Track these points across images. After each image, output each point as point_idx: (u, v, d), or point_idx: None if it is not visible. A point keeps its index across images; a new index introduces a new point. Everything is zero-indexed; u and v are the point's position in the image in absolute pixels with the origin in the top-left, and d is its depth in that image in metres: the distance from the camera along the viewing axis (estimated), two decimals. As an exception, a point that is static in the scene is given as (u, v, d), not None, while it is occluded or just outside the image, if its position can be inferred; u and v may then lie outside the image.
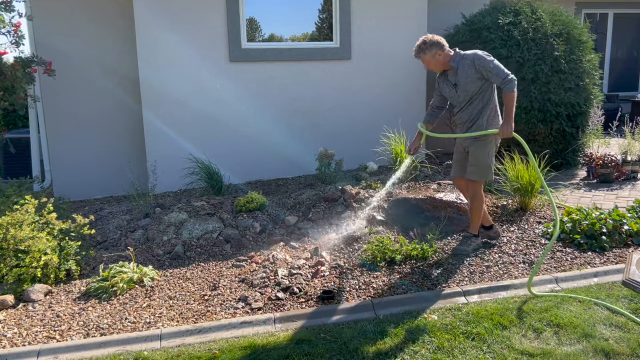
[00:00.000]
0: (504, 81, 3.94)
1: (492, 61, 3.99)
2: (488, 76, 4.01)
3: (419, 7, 7.24)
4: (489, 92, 4.11)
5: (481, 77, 4.03)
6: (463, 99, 4.16)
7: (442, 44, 4.08)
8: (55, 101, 6.74)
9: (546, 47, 6.66)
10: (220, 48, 6.59)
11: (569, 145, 6.93)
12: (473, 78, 4.04)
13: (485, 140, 4.14)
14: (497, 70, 3.96)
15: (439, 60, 4.11)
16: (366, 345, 3.15)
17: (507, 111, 3.99)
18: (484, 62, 3.98)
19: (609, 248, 4.42)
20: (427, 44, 4.07)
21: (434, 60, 4.12)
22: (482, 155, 4.16)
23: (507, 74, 3.95)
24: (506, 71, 3.96)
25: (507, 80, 3.93)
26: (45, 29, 6.57)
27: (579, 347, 3.07)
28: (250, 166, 6.80)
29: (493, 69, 3.96)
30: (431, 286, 3.91)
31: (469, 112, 4.17)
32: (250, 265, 4.37)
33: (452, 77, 4.16)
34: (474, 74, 4.03)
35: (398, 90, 7.27)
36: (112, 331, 3.48)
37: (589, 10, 10.62)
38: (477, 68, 4.01)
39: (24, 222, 4.18)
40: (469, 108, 4.16)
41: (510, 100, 3.96)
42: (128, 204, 5.86)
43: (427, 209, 5.03)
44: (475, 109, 4.14)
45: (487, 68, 3.97)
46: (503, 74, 3.95)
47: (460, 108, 4.21)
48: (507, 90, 3.95)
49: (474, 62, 4.01)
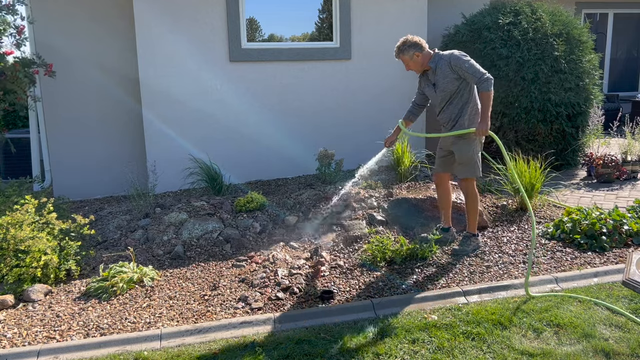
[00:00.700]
0: (480, 80, 3.99)
1: (467, 61, 4.04)
2: (464, 76, 4.07)
3: (419, 7, 7.24)
4: (467, 91, 4.16)
5: (458, 77, 4.10)
6: (442, 99, 4.23)
7: (420, 46, 4.17)
8: (55, 101, 6.74)
9: (546, 47, 6.66)
10: (220, 48, 6.59)
11: (569, 145, 6.93)
12: (450, 78, 4.11)
13: (468, 138, 4.19)
14: (472, 69, 4.00)
15: (417, 61, 4.20)
16: (366, 345, 3.15)
17: (483, 110, 4.07)
18: (459, 61, 4.04)
19: (609, 248, 4.42)
20: (405, 45, 4.17)
21: (412, 61, 4.22)
22: (468, 153, 4.22)
23: (483, 73, 4.00)
24: (482, 70, 4.01)
25: (483, 79, 3.97)
26: (46, 30, 6.57)
27: (579, 347, 3.07)
28: (250, 166, 6.80)
29: (468, 68, 4.01)
30: (431, 286, 3.91)
31: (450, 112, 4.24)
32: (250, 265, 4.37)
33: (432, 77, 4.25)
34: (451, 74, 4.10)
35: (398, 90, 7.26)
36: (112, 331, 3.48)
37: (589, 10, 10.62)
38: (453, 68, 4.08)
39: (24, 222, 4.18)
40: (449, 108, 4.23)
41: (486, 100, 4.02)
42: (128, 204, 5.86)
43: (427, 209, 5.02)
44: (456, 108, 4.20)
45: (462, 68, 4.03)
46: (478, 73, 3.99)
47: (441, 108, 4.29)
48: (483, 90, 4.00)
49: (450, 62, 4.08)
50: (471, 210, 4.41)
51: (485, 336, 3.21)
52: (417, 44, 4.15)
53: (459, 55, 4.08)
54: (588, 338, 3.16)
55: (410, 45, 4.15)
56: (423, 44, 4.18)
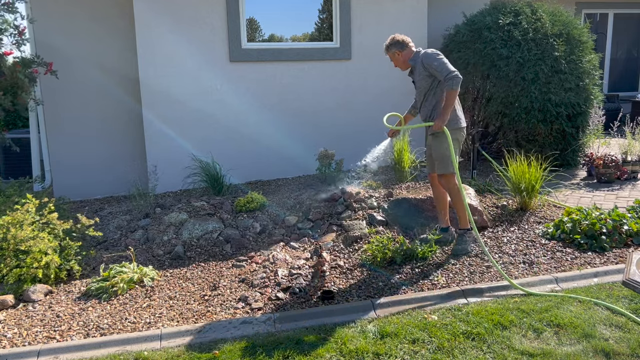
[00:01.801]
0: (446, 78, 4.05)
1: (437, 59, 4.13)
2: (434, 73, 4.16)
3: (419, 7, 7.24)
4: (440, 89, 4.21)
5: (429, 74, 4.21)
6: (419, 96, 4.40)
7: (402, 44, 4.33)
8: (55, 101, 6.74)
9: (546, 47, 6.66)
10: (220, 48, 6.59)
11: (569, 146, 6.93)
12: (423, 75, 4.25)
13: (440, 135, 4.24)
14: (440, 67, 4.09)
15: (398, 59, 4.38)
16: (366, 345, 3.15)
17: (443, 106, 4.14)
18: (430, 59, 4.16)
19: (609, 248, 4.42)
20: (389, 43, 4.39)
21: (394, 59, 4.41)
22: (439, 150, 4.28)
23: (450, 71, 4.04)
24: (449, 69, 4.06)
25: (449, 77, 4.03)
26: (46, 29, 6.57)
27: (579, 347, 3.07)
28: (251, 166, 6.80)
29: (437, 66, 4.10)
30: (431, 286, 3.91)
31: (426, 109, 4.37)
32: (250, 266, 4.37)
33: (412, 75, 4.43)
34: (424, 72, 4.23)
35: (398, 90, 7.25)
36: (112, 331, 3.48)
37: (589, 11, 10.62)
38: (425, 66, 4.20)
39: (24, 222, 4.17)
40: (425, 104, 4.37)
41: (448, 97, 4.08)
42: (128, 204, 5.86)
43: (427, 209, 5.02)
44: (430, 105, 4.32)
45: (432, 66, 4.13)
46: (446, 71, 4.05)
47: (420, 105, 4.44)
48: (447, 87, 4.07)
49: (422, 60, 4.21)
50: (457, 205, 4.40)
51: (485, 336, 3.21)
52: (399, 42, 4.32)
53: (431, 54, 4.20)
54: (588, 338, 3.16)
55: (393, 44, 4.34)
56: (406, 42, 4.33)
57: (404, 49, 4.32)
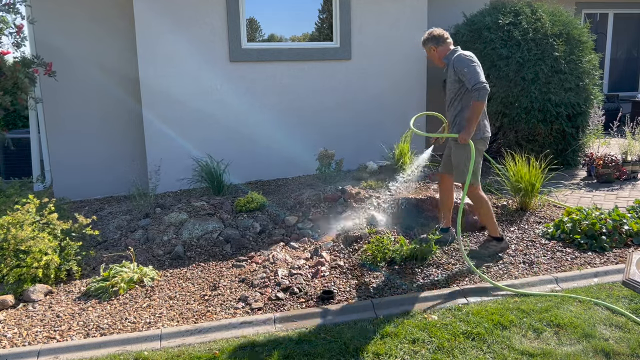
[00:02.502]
0: (473, 88, 3.85)
1: (469, 65, 3.91)
2: (462, 79, 3.97)
3: (419, 7, 7.24)
4: (467, 97, 4.01)
5: (458, 79, 4.01)
6: (447, 97, 4.24)
7: (438, 40, 4.14)
8: (55, 101, 6.74)
9: (546, 47, 6.66)
10: (220, 48, 6.59)
11: (569, 146, 6.93)
12: (452, 79, 4.08)
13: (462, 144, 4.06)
14: (470, 75, 3.88)
15: (434, 55, 4.22)
16: (366, 345, 3.15)
17: (468, 118, 3.93)
18: (461, 64, 3.95)
19: (609, 248, 4.42)
20: (426, 38, 4.20)
21: (429, 54, 4.26)
22: (461, 158, 4.11)
23: (478, 81, 3.83)
24: (479, 79, 3.84)
25: (475, 87, 3.83)
26: (46, 29, 6.57)
27: (579, 347, 3.07)
28: (250, 166, 6.80)
29: (467, 73, 3.89)
30: (431, 286, 3.91)
31: (450, 113, 4.22)
32: (250, 266, 4.37)
33: (445, 74, 4.25)
34: (453, 75, 4.06)
35: (398, 90, 7.27)
36: (112, 331, 3.48)
37: (589, 11, 10.62)
38: (455, 69, 4.00)
39: (25, 222, 4.17)
40: (451, 109, 4.22)
41: (474, 108, 3.88)
42: (128, 204, 5.86)
43: (427, 209, 5.02)
44: (455, 110, 4.15)
45: (462, 71, 3.94)
46: (474, 81, 3.85)
47: (447, 106, 4.27)
48: (474, 98, 3.86)
49: (454, 63, 4.02)
50: (481, 214, 4.33)
51: (485, 336, 3.21)
52: (436, 37, 4.14)
53: (464, 58, 3.97)
54: (588, 338, 3.16)
55: (430, 39, 4.17)
56: (444, 38, 4.14)
57: (440, 44, 4.12)
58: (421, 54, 7.32)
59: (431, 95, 7.56)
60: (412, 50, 7.28)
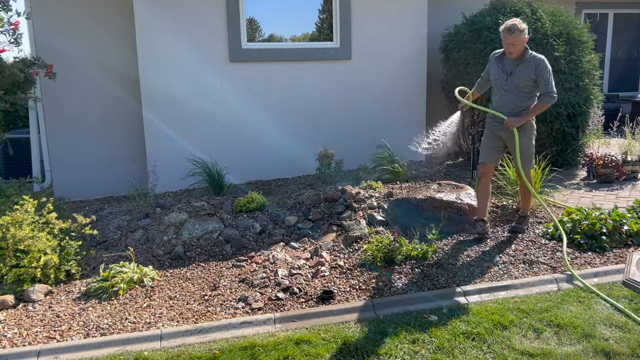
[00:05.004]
0: (547, 93, 4.32)
1: (550, 73, 4.35)
2: (539, 82, 4.33)
3: (420, 7, 7.25)
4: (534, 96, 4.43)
5: (535, 80, 4.35)
6: (503, 86, 4.46)
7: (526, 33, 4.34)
8: (55, 101, 6.74)
9: (546, 47, 6.66)
10: (220, 48, 6.59)
11: (569, 146, 6.93)
12: (529, 78, 4.35)
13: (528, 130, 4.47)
14: (548, 82, 4.31)
15: (523, 45, 4.33)
16: (366, 345, 3.15)
17: (530, 109, 4.40)
18: (545, 69, 4.31)
19: (609, 248, 4.42)
20: (525, 27, 4.27)
21: (522, 44, 4.30)
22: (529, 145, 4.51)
23: (553, 90, 4.32)
24: (554, 88, 4.34)
25: (551, 95, 4.32)
26: (45, 29, 6.57)
27: (579, 347, 3.08)
28: (250, 166, 6.80)
29: (547, 79, 4.31)
30: (431, 286, 3.91)
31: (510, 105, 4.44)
32: (251, 266, 4.37)
33: (509, 66, 4.42)
34: (532, 75, 4.33)
35: (398, 91, 7.27)
36: (112, 331, 3.48)
37: (589, 11, 10.62)
38: (537, 72, 4.31)
39: (24, 222, 4.17)
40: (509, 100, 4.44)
41: (538, 106, 4.40)
42: (128, 204, 5.86)
43: (427, 209, 5.03)
44: (516, 104, 4.42)
45: (544, 76, 4.30)
46: (551, 88, 4.32)
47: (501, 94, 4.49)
48: (542, 100, 4.37)
49: (539, 66, 4.30)
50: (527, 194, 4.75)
51: (485, 336, 3.21)
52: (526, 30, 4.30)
53: (548, 64, 4.32)
54: (588, 338, 3.16)
55: (526, 29, 4.27)
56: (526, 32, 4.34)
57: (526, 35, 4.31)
58: (421, 54, 7.34)
59: (431, 95, 7.56)
60: (412, 50, 7.28)
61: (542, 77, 4.31)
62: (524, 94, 4.41)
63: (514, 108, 4.44)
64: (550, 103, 4.36)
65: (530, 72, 4.32)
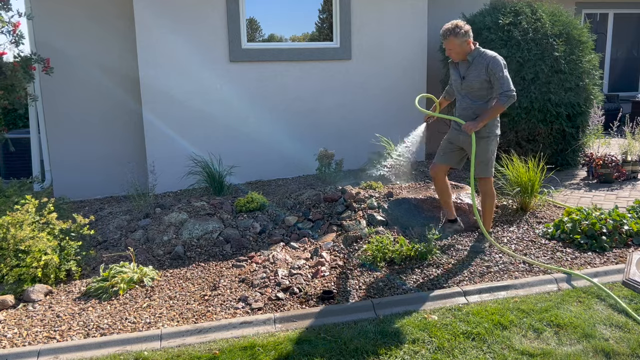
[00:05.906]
0: (502, 93, 4.07)
1: (504, 71, 4.10)
2: (494, 82, 4.13)
3: (419, 7, 7.25)
4: (491, 98, 4.22)
5: (488, 80, 4.15)
6: (460, 90, 4.33)
7: (470, 34, 4.19)
8: (55, 101, 6.74)
9: (546, 47, 6.66)
10: (220, 48, 6.59)
11: (569, 146, 6.93)
12: (482, 78, 4.16)
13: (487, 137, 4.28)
14: (503, 80, 4.07)
15: (464, 48, 4.18)
16: (366, 345, 3.15)
17: (485, 112, 4.17)
18: (497, 68, 4.08)
19: (609, 248, 4.42)
20: (460, 29, 4.12)
21: (460, 47, 4.17)
22: (486, 152, 4.31)
23: (510, 89, 4.06)
24: (511, 87, 4.07)
25: (507, 94, 4.06)
26: (46, 29, 6.57)
27: (579, 347, 3.08)
28: (250, 166, 6.80)
29: (501, 77, 4.07)
30: (431, 286, 3.91)
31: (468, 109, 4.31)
32: (251, 266, 4.37)
33: (463, 69, 4.28)
34: (484, 75, 4.15)
35: (398, 91, 7.27)
36: (112, 331, 3.48)
37: (589, 11, 10.62)
38: (488, 71, 4.12)
39: (24, 222, 4.17)
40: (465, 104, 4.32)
41: (494, 108, 4.13)
42: (128, 204, 5.86)
43: (427, 209, 5.03)
44: (472, 107, 4.27)
45: (496, 76, 4.09)
46: (506, 87, 4.06)
47: (458, 100, 4.38)
48: (499, 101, 4.09)
49: (489, 65, 4.12)
50: (488, 209, 4.51)
51: (486, 336, 3.21)
52: (469, 32, 4.17)
53: (500, 62, 4.11)
54: (588, 338, 3.16)
55: (466, 32, 4.14)
56: (471, 33, 4.21)
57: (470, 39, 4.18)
58: (421, 54, 7.34)
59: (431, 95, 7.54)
60: (412, 50, 7.28)
61: (494, 77, 4.08)
62: (480, 96, 4.23)
63: (473, 113, 4.25)
64: (507, 103, 4.07)
65: (481, 73, 4.13)
